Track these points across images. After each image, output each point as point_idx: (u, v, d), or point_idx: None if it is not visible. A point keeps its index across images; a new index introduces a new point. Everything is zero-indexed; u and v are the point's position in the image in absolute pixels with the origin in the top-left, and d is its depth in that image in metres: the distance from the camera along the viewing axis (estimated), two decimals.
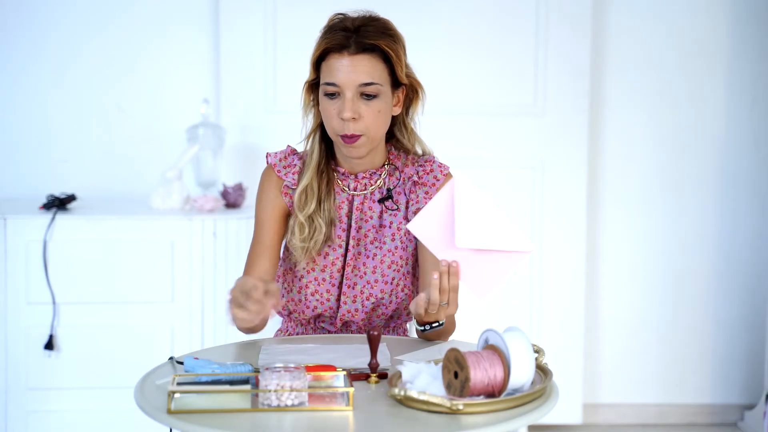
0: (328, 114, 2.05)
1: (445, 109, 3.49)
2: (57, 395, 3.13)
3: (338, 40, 2.02)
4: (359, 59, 2.03)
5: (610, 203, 3.70)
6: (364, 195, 2.15)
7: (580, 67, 3.50)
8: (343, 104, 2.02)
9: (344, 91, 2.03)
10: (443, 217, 1.81)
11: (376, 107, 2.05)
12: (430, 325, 1.94)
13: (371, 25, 2.05)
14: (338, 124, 2.04)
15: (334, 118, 2.04)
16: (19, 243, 3.09)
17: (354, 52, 2.02)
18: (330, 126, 2.06)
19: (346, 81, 2.02)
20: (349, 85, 2.02)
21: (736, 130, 3.70)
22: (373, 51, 2.03)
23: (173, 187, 3.25)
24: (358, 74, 2.02)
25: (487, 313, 3.49)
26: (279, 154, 2.17)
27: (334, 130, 2.05)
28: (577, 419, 3.61)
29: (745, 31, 3.66)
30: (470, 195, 1.80)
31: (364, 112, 2.03)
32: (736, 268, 3.74)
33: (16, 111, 3.53)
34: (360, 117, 2.03)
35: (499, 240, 1.80)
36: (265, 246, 2.13)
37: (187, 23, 3.54)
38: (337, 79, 2.02)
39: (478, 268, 1.82)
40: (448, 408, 1.55)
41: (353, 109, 2.02)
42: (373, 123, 2.05)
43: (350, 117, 2.01)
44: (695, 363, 3.76)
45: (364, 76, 2.03)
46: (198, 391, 1.64)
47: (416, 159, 2.17)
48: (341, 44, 2.02)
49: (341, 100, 2.03)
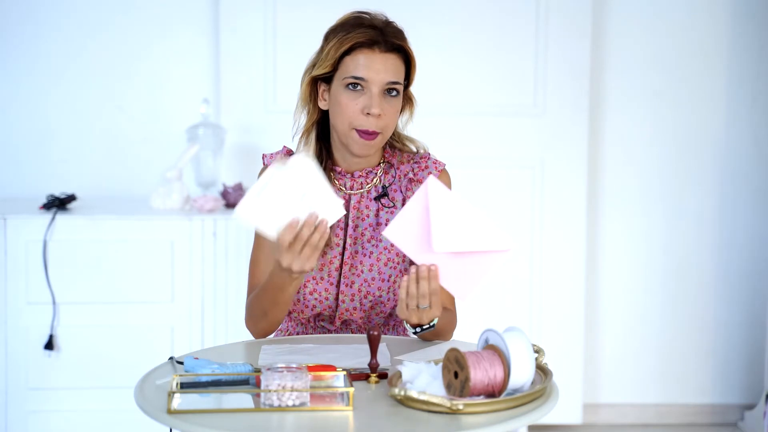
0: (348, 108, 2.04)
1: (445, 109, 3.49)
2: (57, 395, 3.13)
3: (370, 36, 2.03)
4: (389, 57, 2.04)
5: (610, 203, 3.70)
6: (361, 194, 2.15)
7: (580, 67, 3.50)
8: (371, 100, 2.02)
9: (371, 86, 2.03)
10: (419, 221, 1.81)
11: (396, 106, 2.07)
12: (421, 328, 1.95)
13: (393, 27, 2.07)
14: (360, 119, 2.03)
15: (354, 113, 2.04)
16: (19, 243, 3.09)
17: (385, 49, 2.03)
18: (347, 120, 2.04)
19: (376, 77, 2.02)
20: (377, 82, 2.03)
21: (736, 129, 3.70)
22: (399, 51, 2.05)
23: (173, 187, 3.25)
24: (387, 72, 2.03)
25: (487, 313, 3.50)
26: (275, 155, 2.17)
27: (353, 124, 2.05)
28: (577, 419, 3.61)
29: (745, 31, 3.66)
30: (445, 197, 1.79)
31: (386, 110, 2.04)
32: (736, 268, 3.74)
33: (16, 111, 3.54)
34: (384, 114, 2.04)
35: (477, 240, 1.79)
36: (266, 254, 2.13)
37: (187, 23, 3.54)
38: (366, 74, 2.02)
39: (457, 269, 1.81)
40: (448, 408, 1.55)
41: (381, 106, 2.03)
42: (391, 121, 2.07)
43: (378, 113, 2.02)
44: (695, 363, 3.77)
45: (392, 75, 2.04)
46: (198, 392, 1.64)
47: (411, 156, 2.17)
48: (373, 40, 2.03)
49: (366, 96, 2.03)
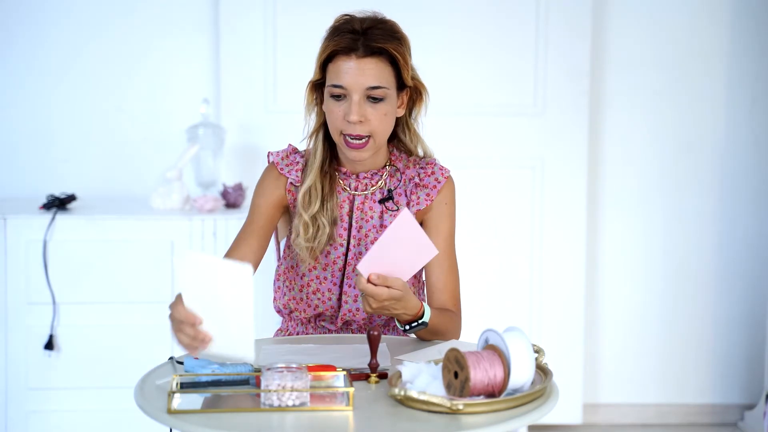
0: (334, 115, 2.05)
1: (445, 109, 3.49)
2: (57, 395, 3.13)
3: (346, 43, 2.02)
4: (367, 62, 2.03)
5: (610, 203, 3.70)
6: (365, 195, 2.15)
7: (580, 67, 3.50)
8: (350, 107, 2.02)
9: (351, 93, 2.03)
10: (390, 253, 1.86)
11: (382, 110, 2.05)
12: (410, 325, 1.96)
13: (379, 28, 2.05)
14: (343, 125, 2.04)
15: (339, 120, 2.04)
16: (19, 243, 3.09)
17: (362, 55, 2.02)
18: (334, 126, 2.06)
19: (354, 84, 2.02)
20: (356, 88, 2.02)
21: (735, 130, 3.70)
22: (380, 54, 2.04)
23: (173, 187, 3.25)
24: (365, 77, 2.02)
25: (487, 313, 3.50)
26: (281, 153, 2.18)
27: (339, 130, 2.05)
28: (577, 419, 3.61)
29: (745, 31, 3.66)
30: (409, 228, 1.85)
31: (370, 115, 2.04)
32: (736, 268, 3.74)
33: (16, 111, 3.54)
34: (366, 120, 2.03)
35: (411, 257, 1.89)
36: (254, 228, 2.13)
37: (187, 23, 3.54)
38: (344, 81, 2.02)
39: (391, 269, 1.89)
40: (448, 408, 1.55)
41: (359, 113, 2.02)
42: (378, 126, 2.05)
43: (357, 120, 2.02)
44: (695, 363, 3.77)
45: (372, 80, 2.03)
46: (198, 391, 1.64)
47: (417, 161, 2.18)
48: (349, 47, 2.02)
49: (347, 103, 2.03)
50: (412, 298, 1.94)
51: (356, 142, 2.05)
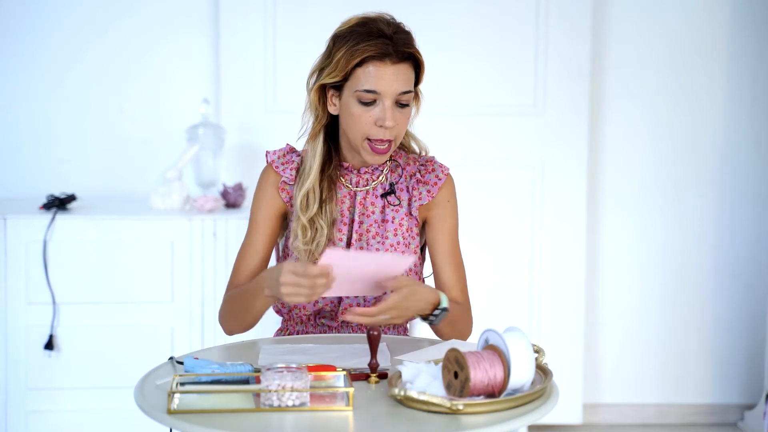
0: (362, 120, 2.04)
1: (445, 109, 3.49)
2: (57, 395, 3.13)
3: (380, 48, 2.01)
4: (400, 68, 2.02)
5: (610, 203, 3.70)
6: (367, 190, 2.15)
7: (580, 67, 3.50)
8: (383, 112, 2.02)
9: (384, 99, 2.02)
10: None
11: (407, 114, 2.07)
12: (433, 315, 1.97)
13: (404, 32, 2.05)
14: (373, 130, 2.03)
15: (367, 125, 2.03)
16: (19, 243, 3.09)
17: (396, 60, 2.02)
18: (360, 131, 2.05)
19: (388, 89, 2.02)
20: (389, 94, 2.02)
21: (735, 130, 3.71)
22: (409, 59, 2.04)
23: (173, 187, 3.25)
24: (399, 83, 2.02)
25: (487, 313, 3.50)
26: (278, 152, 2.18)
27: (365, 134, 2.05)
28: (577, 419, 3.61)
29: (745, 31, 3.66)
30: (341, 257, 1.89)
31: (398, 119, 2.04)
32: (736, 268, 3.75)
33: (16, 111, 3.54)
34: (395, 125, 2.04)
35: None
36: (256, 249, 2.14)
37: (187, 24, 3.54)
38: (379, 86, 2.01)
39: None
40: (448, 408, 1.55)
41: (394, 118, 2.03)
42: (402, 129, 2.07)
43: (393, 125, 2.02)
44: (695, 363, 3.77)
45: (404, 85, 2.03)
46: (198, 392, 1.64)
47: (417, 158, 2.19)
48: (383, 52, 2.01)
49: (379, 108, 2.03)
50: (422, 285, 1.95)
51: (382, 147, 2.05)
